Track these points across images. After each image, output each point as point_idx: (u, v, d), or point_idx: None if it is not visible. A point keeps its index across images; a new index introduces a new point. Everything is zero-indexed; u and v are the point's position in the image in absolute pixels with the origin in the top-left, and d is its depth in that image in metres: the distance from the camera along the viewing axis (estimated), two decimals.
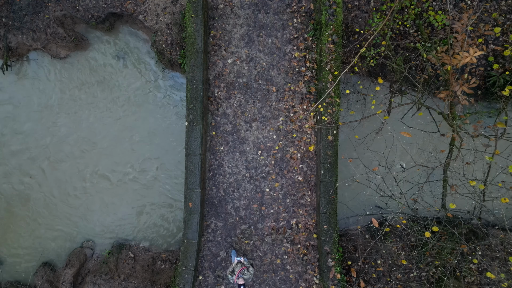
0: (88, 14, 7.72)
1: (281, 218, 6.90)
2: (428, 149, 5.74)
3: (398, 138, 5.99)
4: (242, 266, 5.59)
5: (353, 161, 6.74)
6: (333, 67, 6.12)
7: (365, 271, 7.31)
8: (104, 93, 8.11)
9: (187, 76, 6.52)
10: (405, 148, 5.55)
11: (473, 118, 6.23)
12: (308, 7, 6.94)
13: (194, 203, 6.47)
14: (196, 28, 6.35)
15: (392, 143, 5.74)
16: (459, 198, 5.22)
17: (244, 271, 5.55)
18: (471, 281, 7.33)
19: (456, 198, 4.88)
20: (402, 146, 5.53)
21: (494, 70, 7.18)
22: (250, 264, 5.79)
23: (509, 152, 5.78)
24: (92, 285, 7.83)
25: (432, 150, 5.55)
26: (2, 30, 7.94)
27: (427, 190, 5.26)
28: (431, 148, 5.74)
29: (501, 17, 7.48)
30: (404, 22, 7.00)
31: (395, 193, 5.48)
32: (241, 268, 5.55)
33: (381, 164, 5.64)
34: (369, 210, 6.56)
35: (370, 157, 6.47)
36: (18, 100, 8.22)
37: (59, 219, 8.18)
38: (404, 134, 4.43)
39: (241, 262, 5.69)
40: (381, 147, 6.08)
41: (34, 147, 8.17)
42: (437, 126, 5.59)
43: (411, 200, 5.34)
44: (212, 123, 6.99)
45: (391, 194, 5.35)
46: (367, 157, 6.70)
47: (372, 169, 5.13)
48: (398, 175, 5.41)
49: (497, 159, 5.32)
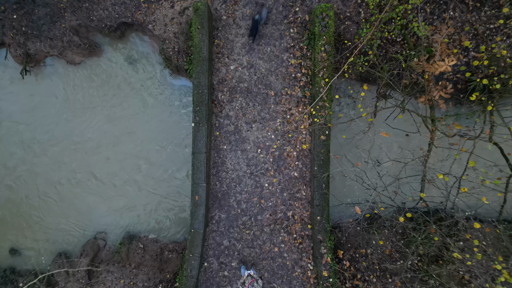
0: (102, 23, 8.38)
1: (278, 210, 7.58)
2: (408, 147, 6.43)
3: (380, 138, 6.67)
4: (252, 278, 6.14)
5: (345, 157, 7.42)
6: (325, 74, 6.79)
7: (356, 260, 8.01)
8: (115, 96, 8.78)
9: (194, 81, 7.19)
10: (380, 146, 6.23)
11: (451, 120, 6.90)
12: (304, 18, 7.61)
13: (200, 197, 7.16)
14: (202, 39, 7.02)
15: (373, 143, 6.43)
16: (437, 190, 5.90)
17: (254, 283, 6.12)
18: (452, 269, 8.03)
19: (432, 191, 5.54)
20: (377, 145, 6.21)
21: (475, 76, 7.86)
22: (259, 276, 6.33)
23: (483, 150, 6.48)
24: (106, 273, 8.52)
25: (410, 148, 6.23)
26: (22, 38, 8.60)
27: (405, 183, 5.94)
28: (409, 147, 6.43)
29: (481, 26, 8.14)
30: (391, 32, 7.66)
31: (378, 187, 6.16)
32: (251, 280, 6.11)
33: (366, 160, 6.32)
34: (357, 201, 7.23)
35: (358, 154, 7.15)
36: (37, 103, 8.89)
37: (74, 212, 8.87)
38: (383, 134, 5.11)
39: (250, 275, 6.28)
40: (368, 145, 6.76)
41: (47, 147, 8.86)
42: (417, 127, 6.27)
43: (393, 192, 6.01)
44: (216, 124, 7.67)
45: (375, 187, 6.03)
46: (357, 154, 7.38)
47: (356, 164, 5.81)
48: (381, 170, 6.10)
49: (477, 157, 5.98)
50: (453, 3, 7.98)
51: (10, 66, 8.91)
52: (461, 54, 7.16)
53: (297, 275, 7.45)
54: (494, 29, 7.95)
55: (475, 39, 8.11)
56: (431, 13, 8.15)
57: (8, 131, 8.91)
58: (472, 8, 8.05)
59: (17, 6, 8.50)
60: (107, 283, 8.43)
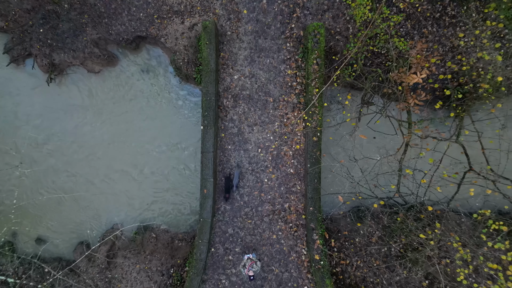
0: (119, 37, 9.41)
1: (277, 202, 8.64)
2: (386, 147, 7.48)
3: (360, 139, 7.73)
4: (251, 261, 7.30)
5: (335, 156, 8.47)
6: (317, 83, 7.84)
7: (346, 247, 9.07)
8: (131, 100, 9.82)
9: (202, 90, 8.24)
10: (354, 145, 7.31)
11: (426, 124, 7.93)
12: (299, 33, 8.65)
13: (208, 190, 8.21)
14: (210, 53, 8.06)
15: (354, 143, 7.49)
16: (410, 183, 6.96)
17: (253, 264, 7.28)
18: (431, 255, 9.09)
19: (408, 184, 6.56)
20: (353, 144, 7.29)
21: (450, 84, 8.90)
22: (258, 259, 7.47)
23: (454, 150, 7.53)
24: (123, 259, 9.58)
25: (389, 148, 7.27)
26: (48, 50, 9.63)
27: (388, 178, 6.99)
28: (387, 147, 7.48)
29: (456, 40, 9.17)
30: (375, 46, 8.68)
31: (360, 180, 7.22)
32: (250, 262, 7.26)
33: (350, 158, 7.38)
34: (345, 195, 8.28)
35: (344, 152, 8.21)
36: (62, 108, 9.94)
37: (95, 204, 9.92)
38: (362, 137, 6.14)
39: (250, 258, 7.42)
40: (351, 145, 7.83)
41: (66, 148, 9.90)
42: (396, 130, 7.31)
43: (373, 186, 7.06)
44: (221, 127, 8.72)
45: (359, 180, 7.08)
46: (342, 153, 8.43)
47: (340, 161, 6.86)
48: (363, 167, 7.15)
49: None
50: (431, 20, 9.03)
51: (37, 75, 9.93)
52: (434, 67, 8.18)
53: (292, 259, 8.50)
54: (467, 43, 8.98)
55: (451, 52, 9.16)
56: (412, 28, 9.20)
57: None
58: (448, 24, 9.09)
59: (44, 21, 9.52)
60: (124, 267, 9.49)
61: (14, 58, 9.87)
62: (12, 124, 9.94)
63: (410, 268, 8.21)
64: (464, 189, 6.54)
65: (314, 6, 8.67)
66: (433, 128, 7.50)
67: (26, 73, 9.98)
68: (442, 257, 7.53)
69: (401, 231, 7.40)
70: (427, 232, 7.39)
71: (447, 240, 6.43)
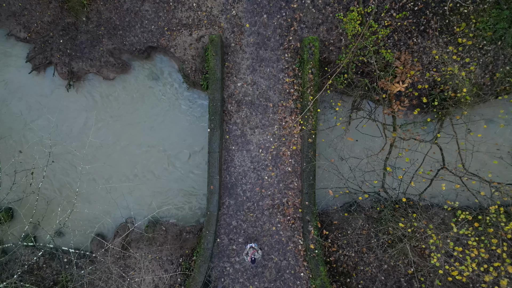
0: (133, 47, 10.33)
1: (276, 197, 9.57)
2: (371, 148, 8.43)
3: (348, 141, 8.68)
4: (253, 249, 8.24)
5: (327, 155, 9.40)
6: (312, 91, 8.77)
7: (339, 238, 10.01)
8: (143, 105, 10.75)
9: (209, 96, 9.16)
10: (343, 146, 8.26)
11: (409, 127, 8.87)
12: (296, 45, 9.58)
13: (214, 186, 9.14)
14: (216, 63, 8.99)
15: (342, 144, 8.43)
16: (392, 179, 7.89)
17: (255, 253, 8.22)
18: (416, 246, 10.02)
19: (391, 180, 7.46)
20: (342, 146, 8.23)
21: (434, 90, 9.83)
22: (259, 247, 8.39)
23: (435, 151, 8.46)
24: (136, 249, 10.51)
25: (375, 148, 8.21)
26: (67, 59, 10.56)
27: (367, 174, 7.94)
28: (374, 148, 8.42)
29: (439, 51, 10.08)
30: (365, 56, 9.60)
31: (349, 177, 8.16)
32: (252, 251, 8.21)
33: (341, 158, 8.32)
34: (337, 191, 9.22)
35: (335, 153, 9.16)
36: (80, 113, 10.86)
37: (111, 199, 10.84)
38: (349, 139, 7.06)
39: (252, 247, 8.37)
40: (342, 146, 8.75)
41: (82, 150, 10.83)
42: (381, 132, 8.24)
43: (361, 182, 8.00)
44: (226, 129, 9.64)
45: (348, 177, 8.01)
46: (333, 153, 9.37)
47: (330, 160, 7.79)
48: (352, 165, 8.09)
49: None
50: (416, 32, 9.95)
51: (56, 82, 10.86)
52: (415, 76, 9.10)
53: (290, 248, 9.44)
54: (448, 54, 9.90)
55: (434, 62, 10.08)
56: (399, 39, 10.12)
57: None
58: (432, 36, 10.00)
59: (63, 32, 10.45)
60: (137, 257, 10.42)
61: (36, 66, 10.80)
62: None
63: (396, 257, 9.14)
64: (438, 184, 7.42)
65: (310, 20, 9.59)
66: (415, 131, 8.42)
67: (47, 79, 10.90)
68: (417, 242, 8.44)
69: (386, 223, 8.33)
70: (404, 221, 8.35)
71: (422, 227, 7.36)
